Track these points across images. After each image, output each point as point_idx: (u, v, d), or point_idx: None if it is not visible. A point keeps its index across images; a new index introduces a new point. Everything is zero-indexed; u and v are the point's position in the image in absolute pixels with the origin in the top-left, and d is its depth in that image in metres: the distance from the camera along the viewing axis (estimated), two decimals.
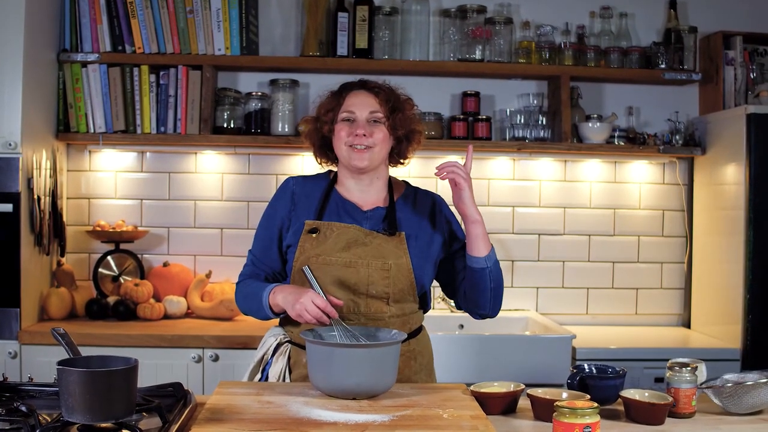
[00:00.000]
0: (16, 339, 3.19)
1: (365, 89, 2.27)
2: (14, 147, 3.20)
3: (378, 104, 2.24)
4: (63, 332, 1.84)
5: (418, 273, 2.24)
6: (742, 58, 3.77)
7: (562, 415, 1.67)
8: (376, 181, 2.32)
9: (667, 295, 3.98)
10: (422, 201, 2.36)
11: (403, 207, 2.32)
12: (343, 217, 2.27)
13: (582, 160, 3.93)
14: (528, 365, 3.24)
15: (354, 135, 2.22)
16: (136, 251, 3.74)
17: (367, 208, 2.30)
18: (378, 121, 2.24)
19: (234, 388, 2.04)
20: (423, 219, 2.31)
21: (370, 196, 2.32)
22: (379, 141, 2.23)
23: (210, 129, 3.63)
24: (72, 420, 1.61)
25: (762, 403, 2.01)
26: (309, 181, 2.37)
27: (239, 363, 3.17)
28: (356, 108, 2.24)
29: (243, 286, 2.32)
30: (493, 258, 2.24)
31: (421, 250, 2.27)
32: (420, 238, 2.28)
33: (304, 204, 2.30)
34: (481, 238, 2.20)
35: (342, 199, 2.30)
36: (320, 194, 2.31)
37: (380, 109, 2.24)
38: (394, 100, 2.26)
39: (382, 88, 2.27)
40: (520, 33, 3.83)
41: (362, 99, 2.26)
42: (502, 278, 2.29)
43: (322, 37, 3.70)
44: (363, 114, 2.24)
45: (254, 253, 2.34)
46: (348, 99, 2.26)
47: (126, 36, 3.60)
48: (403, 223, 2.29)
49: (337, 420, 1.76)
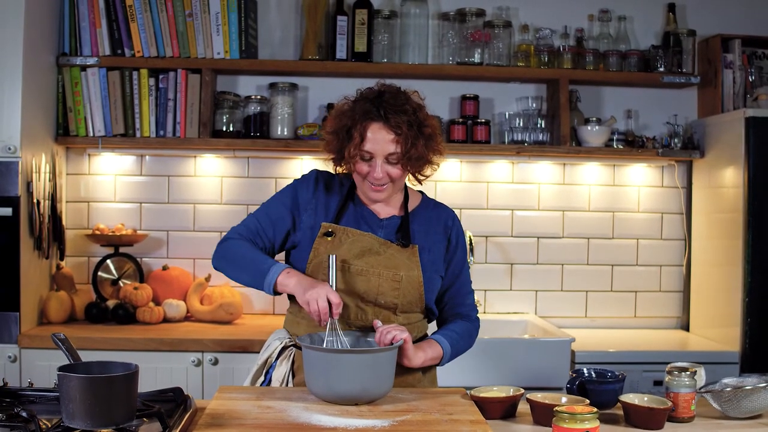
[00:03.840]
0: (16, 343, 3.19)
1: (386, 125, 2.16)
2: (13, 151, 3.20)
3: (395, 144, 2.16)
4: (63, 337, 1.84)
5: (427, 286, 2.26)
6: (741, 62, 3.78)
7: (562, 420, 1.67)
8: (393, 198, 2.31)
9: (666, 298, 3.99)
10: (437, 215, 2.35)
11: (418, 219, 2.32)
12: (360, 223, 2.27)
13: (581, 164, 3.93)
14: (527, 368, 3.24)
15: (372, 177, 2.18)
16: (136, 255, 3.74)
17: (384, 216, 2.30)
18: (395, 161, 2.18)
19: (234, 393, 2.04)
20: (436, 233, 2.32)
21: (388, 207, 2.32)
22: (396, 177, 2.20)
23: (209, 132, 3.64)
24: (72, 426, 1.62)
25: (761, 408, 2.01)
26: (333, 181, 2.34)
27: (239, 367, 3.17)
28: (375, 150, 2.16)
29: (239, 246, 2.25)
30: (448, 355, 2.27)
31: (431, 264, 2.28)
32: (432, 251, 2.29)
33: (324, 202, 2.29)
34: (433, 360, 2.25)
35: (361, 205, 2.30)
36: (340, 197, 2.31)
37: (397, 149, 2.16)
38: (413, 138, 2.16)
39: (401, 126, 2.15)
40: (519, 36, 3.84)
41: (381, 138, 2.16)
42: (457, 351, 2.32)
43: (321, 40, 3.70)
44: (381, 155, 2.17)
45: (259, 220, 2.30)
46: (368, 135, 2.16)
47: (125, 40, 3.60)
48: (417, 235, 2.29)
49: (336, 425, 1.76)
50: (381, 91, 2.22)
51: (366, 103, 2.19)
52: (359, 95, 2.24)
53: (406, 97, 2.21)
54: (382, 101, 2.17)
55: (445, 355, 2.25)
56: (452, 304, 2.37)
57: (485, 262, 3.89)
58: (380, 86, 2.24)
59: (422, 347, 2.20)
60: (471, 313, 2.38)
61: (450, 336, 2.28)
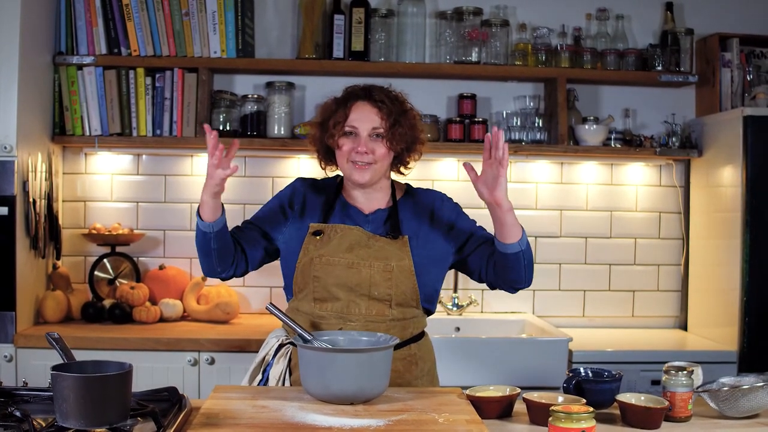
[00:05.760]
0: (12, 342, 3.18)
1: (369, 101, 2.27)
2: (9, 150, 3.20)
3: (380, 119, 2.24)
4: (57, 336, 1.83)
5: (420, 275, 2.25)
6: (739, 60, 3.77)
7: (558, 419, 1.67)
8: (378, 189, 2.34)
9: (664, 298, 3.98)
10: (422, 201, 2.38)
11: (404, 209, 2.34)
12: (346, 221, 2.30)
13: (578, 163, 3.92)
14: (524, 368, 3.23)
15: (356, 151, 2.23)
16: (132, 254, 3.73)
17: (369, 212, 2.32)
18: (379, 136, 2.25)
19: (229, 392, 2.03)
20: (423, 220, 2.33)
21: (373, 201, 2.34)
22: (380, 157, 2.25)
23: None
24: (66, 425, 1.61)
25: (758, 407, 2.01)
26: (317, 185, 2.40)
27: (235, 366, 3.17)
28: (359, 123, 2.25)
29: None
30: (525, 240, 2.20)
31: (423, 252, 2.28)
32: (421, 238, 2.30)
33: (309, 205, 2.33)
34: (516, 225, 2.16)
35: (346, 204, 2.34)
36: (326, 199, 2.34)
37: (382, 124, 2.24)
38: (396, 114, 2.26)
39: (385, 101, 2.26)
40: (517, 35, 3.83)
41: (365, 113, 2.25)
42: (531, 250, 2.26)
43: (318, 39, 3.70)
44: (365, 129, 2.25)
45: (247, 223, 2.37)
46: (352, 111, 2.26)
47: (122, 38, 3.60)
48: (405, 224, 2.30)
49: (332, 425, 1.75)
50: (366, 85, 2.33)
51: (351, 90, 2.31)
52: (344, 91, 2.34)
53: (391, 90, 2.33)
54: (367, 88, 2.31)
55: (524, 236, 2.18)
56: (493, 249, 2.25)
57: None
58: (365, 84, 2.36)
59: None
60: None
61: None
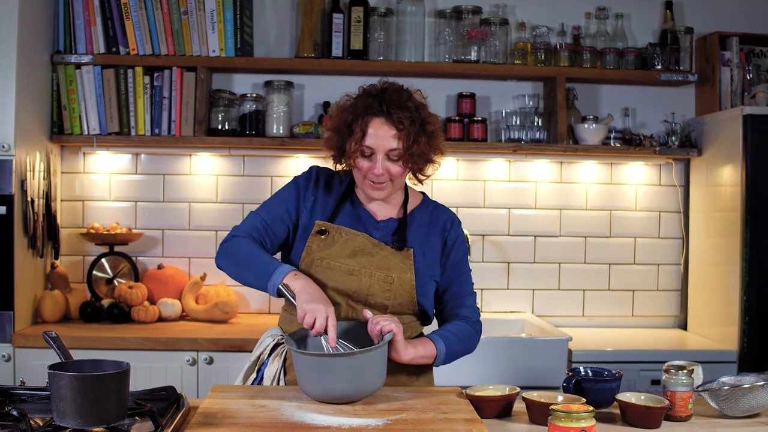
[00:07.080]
0: (10, 342, 3.18)
1: (387, 119, 2.14)
2: (7, 149, 3.19)
3: (397, 140, 2.13)
4: (54, 336, 1.83)
5: (420, 289, 2.23)
6: (739, 59, 3.76)
7: (558, 418, 1.66)
8: (392, 198, 2.29)
9: (664, 297, 3.98)
10: (436, 217, 2.32)
11: (416, 221, 2.29)
12: (356, 224, 2.25)
13: (578, 162, 3.92)
14: (524, 368, 3.23)
15: (372, 172, 2.16)
16: (131, 254, 3.73)
17: (381, 218, 2.27)
18: (396, 158, 2.16)
19: (227, 392, 2.03)
20: (433, 236, 2.29)
21: (386, 208, 2.29)
22: (396, 175, 2.18)
23: (204, 131, 3.62)
24: (63, 424, 1.60)
25: (759, 406, 2.00)
26: (333, 177, 2.32)
27: (234, 366, 3.15)
28: (375, 144, 2.14)
29: (245, 245, 2.20)
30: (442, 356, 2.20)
31: (426, 267, 2.25)
32: (427, 255, 2.26)
33: (321, 199, 2.27)
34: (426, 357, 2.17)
35: (359, 205, 2.28)
36: (338, 196, 2.29)
37: (399, 145, 2.13)
38: (415, 134, 2.15)
39: (403, 122, 2.13)
40: (516, 34, 3.83)
41: (382, 133, 2.14)
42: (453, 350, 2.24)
43: (317, 38, 3.69)
44: (381, 151, 2.15)
45: (264, 218, 2.26)
46: (369, 127, 2.14)
47: (120, 37, 3.59)
48: (413, 237, 2.26)
49: (330, 424, 1.75)
50: (383, 88, 2.20)
51: (368, 99, 2.17)
52: (361, 91, 2.22)
53: (408, 95, 2.20)
54: (384, 97, 2.16)
55: (439, 355, 2.19)
56: (452, 305, 2.32)
57: (482, 261, 3.87)
58: (383, 83, 2.22)
59: (414, 343, 2.15)
60: (471, 316, 2.31)
61: (446, 336, 2.22)
